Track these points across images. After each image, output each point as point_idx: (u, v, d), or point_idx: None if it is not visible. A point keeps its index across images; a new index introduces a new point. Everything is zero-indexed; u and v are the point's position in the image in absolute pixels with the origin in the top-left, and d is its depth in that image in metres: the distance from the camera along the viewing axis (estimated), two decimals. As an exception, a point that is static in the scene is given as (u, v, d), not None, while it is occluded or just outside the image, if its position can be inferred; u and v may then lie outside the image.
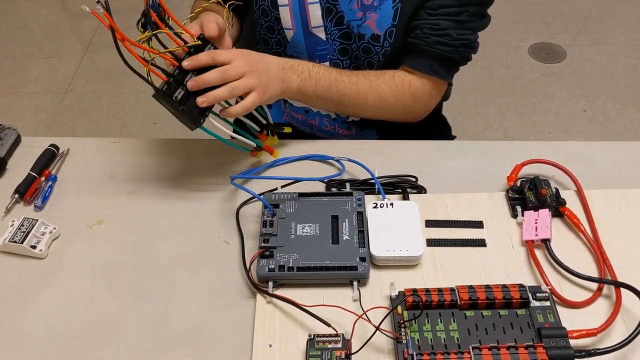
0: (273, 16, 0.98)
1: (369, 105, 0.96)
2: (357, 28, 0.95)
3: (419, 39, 0.94)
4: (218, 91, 0.80)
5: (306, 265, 0.76)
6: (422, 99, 0.99)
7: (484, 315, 0.71)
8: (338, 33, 0.97)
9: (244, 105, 0.82)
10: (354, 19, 0.95)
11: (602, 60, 2.40)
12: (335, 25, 0.96)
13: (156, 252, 0.84)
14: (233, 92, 0.81)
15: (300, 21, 0.97)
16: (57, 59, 2.56)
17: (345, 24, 0.96)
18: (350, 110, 0.98)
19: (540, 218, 0.81)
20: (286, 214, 0.83)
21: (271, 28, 1.00)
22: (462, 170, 0.94)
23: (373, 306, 0.72)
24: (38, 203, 0.89)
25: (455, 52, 0.95)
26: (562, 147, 0.97)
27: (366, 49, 0.97)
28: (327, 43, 0.98)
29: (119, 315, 0.77)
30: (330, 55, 0.99)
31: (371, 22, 0.95)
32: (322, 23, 0.96)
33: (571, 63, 2.40)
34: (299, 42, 0.99)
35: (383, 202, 0.84)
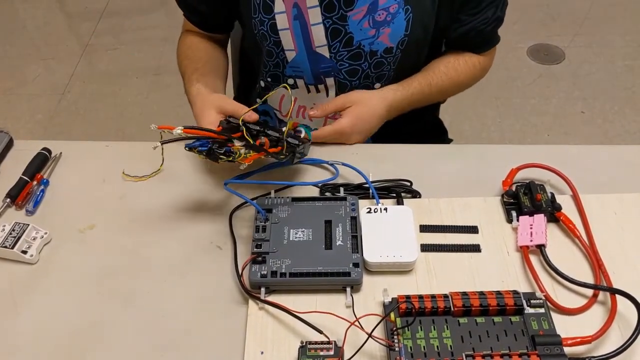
0: (272, 40, 0.97)
1: (448, 95, 1.09)
2: (369, 46, 0.95)
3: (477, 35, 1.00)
4: None
5: (299, 271, 0.76)
6: (488, 66, 1.09)
7: (478, 322, 0.70)
8: (347, 55, 0.96)
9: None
10: (366, 38, 0.94)
11: (600, 62, 2.40)
12: (344, 47, 0.95)
13: (148, 257, 0.83)
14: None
15: (304, 42, 0.96)
16: (54, 61, 2.55)
17: (354, 44, 0.95)
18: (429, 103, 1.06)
19: (536, 223, 0.80)
20: (279, 218, 0.82)
21: (269, 52, 0.99)
22: (457, 174, 0.93)
23: (366, 313, 0.71)
24: (29, 207, 0.88)
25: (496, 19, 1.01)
26: (558, 151, 0.96)
27: (378, 64, 0.98)
28: (331, 61, 0.97)
29: (109, 320, 0.76)
30: (335, 73, 0.98)
31: (384, 37, 0.94)
32: (326, 42, 0.95)
33: (570, 64, 2.40)
34: (301, 61, 0.98)
35: (377, 207, 0.83)
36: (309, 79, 1.00)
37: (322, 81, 1.00)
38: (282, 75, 1.01)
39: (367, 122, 0.93)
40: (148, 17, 2.73)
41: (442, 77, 1.01)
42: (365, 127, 0.93)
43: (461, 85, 1.06)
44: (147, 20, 2.72)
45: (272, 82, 1.03)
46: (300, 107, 1.06)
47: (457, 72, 1.02)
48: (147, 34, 2.62)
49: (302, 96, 1.03)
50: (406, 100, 0.97)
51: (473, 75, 1.06)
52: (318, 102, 1.03)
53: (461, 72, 1.03)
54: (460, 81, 1.04)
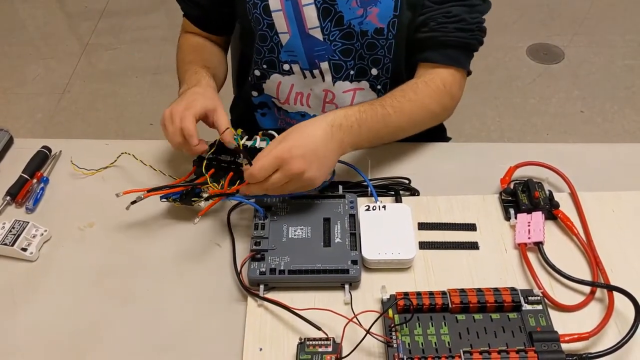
0: (265, 23, 0.97)
1: (418, 124, 0.93)
2: (359, 25, 0.94)
3: (436, 30, 0.93)
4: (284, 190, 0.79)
5: (297, 268, 0.76)
6: (456, 93, 0.97)
7: (476, 319, 0.71)
8: (339, 34, 0.96)
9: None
10: (355, 17, 0.94)
11: (600, 62, 2.40)
12: (335, 26, 0.95)
13: (147, 255, 0.83)
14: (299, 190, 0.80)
15: (297, 24, 0.96)
16: (54, 60, 2.55)
17: (345, 23, 0.95)
18: (402, 136, 0.94)
19: (533, 221, 0.81)
20: (278, 216, 0.82)
21: (263, 36, 0.99)
22: (455, 172, 0.93)
23: (364, 309, 0.72)
24: (29, 205, 0.88)
25: (473, 37, 0.94)
26: (557, 149, 0.96)
27: (370, 45, 0.96)
28: (324, 43, 0.97)
29: (109, 318, 0.76)
30: (329, 56, 0.98)
31: (373, 17, 0.94)
32: (319, 24, 0.95)
33: (569, 64, 2.40)
34: (295, 45, 0.98)
35: (375, 205, 0.83)
36: (304, 63, 1.00)
37: (317, 66, 1.00)
38: (277, 61, 1.01)
39: (310, 142, 0.78)
40: (148, 17, 2.73)
41: (399, 98, 0.89)
42: (308, 150, 0.77)
43: (428, 110, 0.92)
44: (146, 20, 2.72)
45: (268, 68, 1.03)
46: (297, 94, 1.06)
47: (416, 93, 0.91)
48: (147, 34, 2.63)
49: (299, 82, 1.04)
50: (354, 117, 0.83)
51: (439, 99, 0.93)
52: (315, 87, 1.03)
53: (421, 93, 0.91)
54: (425, 104, 0.91)
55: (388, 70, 1.00)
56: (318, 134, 0.79)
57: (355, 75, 1.01)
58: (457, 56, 0.95)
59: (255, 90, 1.08)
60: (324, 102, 1.05)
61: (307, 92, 1.05)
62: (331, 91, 1.03)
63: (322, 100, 1.05)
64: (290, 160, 0.75)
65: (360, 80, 1.02)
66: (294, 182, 0.77)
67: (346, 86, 1.02)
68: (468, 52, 0.97)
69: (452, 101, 0.97)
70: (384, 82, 1.01)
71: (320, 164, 0.79)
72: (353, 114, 0.83)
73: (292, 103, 1.07)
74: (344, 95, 1.03)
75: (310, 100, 1.06)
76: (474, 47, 0.97)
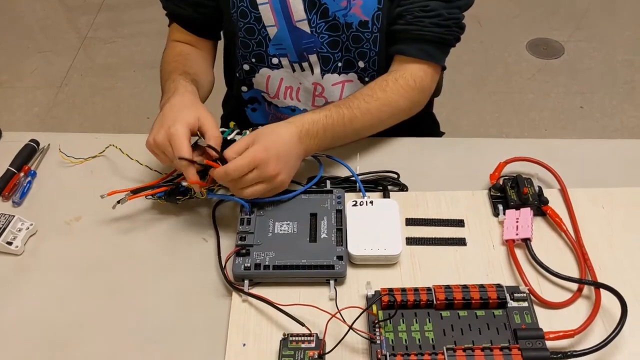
0: (253, 16, 0.96)
1: (385, 122, 0.92)
2: (344, 18, 0.94)
3: (412, 24, 0.92)
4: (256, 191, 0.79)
5: (282, 263, 0.75)
6: (427, 88, 0.96)
7: (460, 316, 0.70)
8: (325, 26, 0.95)
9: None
10: (339, 9, 0.93)
11: (599, 57, 2.38)
12: (320, 18, 0.95)
13: (133, 250, 0.83)
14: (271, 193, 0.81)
15: (283, 16, 0.95)
16: (52, 53, 2.55)
17: (330, 15, 0.94)
18: (368, 134, 0.94)
19: (522, 217, 0.80)
20: (264, 211, 0.82)
21: (251, 29, 0.98)
22: (445, 167, 0.92)
23: (349, 305, 0.71)
24: (16, 199, 0.88)
25: (449, 32, 0.93)
26: (548, 145, 0.96)
27: (356, 38, 0.96)
28: (312, 36, 0.97)
29: (94, 312, 0.76)
30: (317, 48, 0.98)
31: (356, 9, 0.93)
32: (306, 16, 0.95)
33: (569, 59, 2.38)
34: (283, 37, 0.97)
35: (363, 200, 0.82)
36: (293, 56, 0.99)
37: (305, 58, 0.99)
38: (265, 55, 1.00)
39: (281, 145, 0.78)
40: (146, 11, 2.72)
41: (366, 99, 0.88)
42: (280, 152, 0.77)
43: (396, 108, 0.91)
44: (144, 13, 2.71)
45: (257, 62, 1.02)
46: (287, 88, 1.05)
47: (384, 91, 0.89)
48: (145, 28, 2.62)
49: (288, 76, 1.03)
50: (320, 123, 0.83)
51: (407, 95, 0.91)
52: (304, 80, 1.03)
53: (390, 91, 0.90)
54: (393, 102, 0.90)
55: (375, 63, 0.99)
56: (289, 138, 0.80)
57: (343, 68, 1.00)
58: (432, 51, 0.94)
59: (245, 85, 1.08)
60: (313, 96, 1.05)
61: (297, 86, 1.04)
62: (320, 84, 1.03)
63: (312, 94, 1.04)
64: (267, 161, 0.76)
65: (348, 72, 1.01)
66: (266, 183, 0.78)
67: (335, 79, 1.02)
68: (443, 48, 0.96)
69: (422, 95, 0.96)
70: (371, 75, 1.01)
71: (291, 167, 0.81)
72: (320, 120, 0.84)
73: (281, 97, 1.06)
74: (333, 88, 1.03)
75: (300, 94, 1.05)
76: (449, 42, 0.96)
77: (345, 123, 0.86)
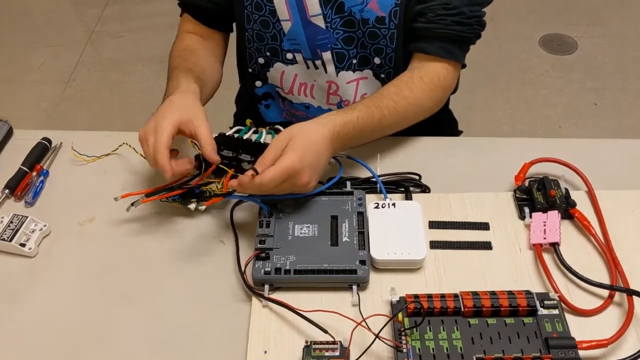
0: (267, 9, 0.94)
1: (410, 120, 0.91)
2: (360, 13, 0.91)
3: (434, 22, 0.89)
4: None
5: (303, 268, 0.73)
6: (449, 86, 0.95)
7: (489, 324, 0.68)
8: (340, 21, 0.93)
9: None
10: (355, 4, 0.91)
11: (613, 53, 2.35)
12: (336, 14, 0.92)
13: (149, 251, 0.81)
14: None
15: (298, 10, 0.93)
16: (60, 48, 2.53)
17: (346, 11, 0.92)
18: (391, 132, 0.92)
19: (549, 220, 0.78)
20: (284, 214, 0.79)
21: (265, 22, 0.96)
22: (467, 168, 0.90)
23: (373, 312, 0.69)
24: (29, 199, 0.86)
25: (471, 30, 0.91)
26: (572, 145, 0.93)
27: (372, 34, 0.93)
28: (327, 32, 0.94)
29: (109, 316, 0.74)
30: (332, 45, 0.96)
31: (373, 4, 0.91)
32: (321, 11, 0.92)
33: (582, 55, 2.35)
34: (297, 33, 0.95)
35: (385, 202, 0.80)
36: (307, 52, 0.97)
37: (319, 56, 0.97)
38: (280, 49, 0.98)
39: (314, 153, 0.76)
40: (154, 4, 2.69)
41: (394, 97, 0.87)
42: (313, 160, 0.76)
43: (421, 107, 0.90)
44: (153, 7, 2.68)
45: (271, 56, 1.00)
46: (301, 85, 1.03)
47: (411, 90, 0.88)
48: (153, 22, 2.59)
49: (302, 72, 1.01)
50: (350, 125, 0.82)
51: (433, 95, 0.91)
52: (318, 78, 1.01)
53: (417, 90, 0.89)
54: (419, 101, 0.89)
55: (391, 60, 0.97)
56: (321, 143, 0.78)
57: (358, 65, 0.98)
58: (453, 49, 0.92)
59: (259, 80, 1.06)
60: (327, 94, 1.02)
61: (311, 83, 1.02)
62: (335, 82, 1.00)
63: (326, 91, 1.02)
64: (302, 171, 0.75)
65: (363, 69, 0.99)
66: (294, 188, 0.77)
67: (349, 76, 0.99)
68: (464, 45, 0.94)
69: (445, 94, 0.96)
70: (387, 71, 0.99)
71: (320, 173, 0.79)
72: (351, 122, 0.82)
73: (295, 93, 1.04)
74: (347, 86, 1.01)
75: (315, 91, 1.03)
76: (470, 40, 0.94)
77: (374, 123, 0.85)
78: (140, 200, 0.80)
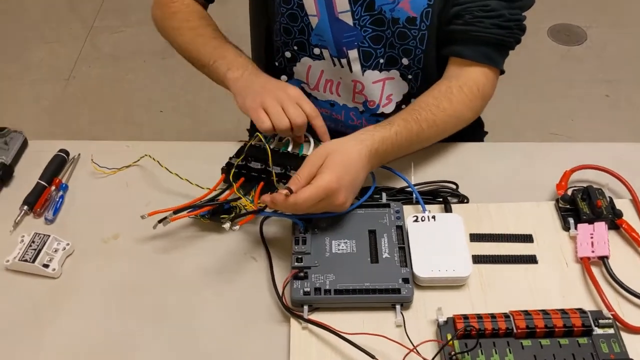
0: (296, 2, 0.90)
1: (448, 132, 0.87)
2: (390, 12, 0.88)
3: (471, 24, 0.86)
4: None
5: (344, 287, 0.70)
6: (488, 95, 0.90)
7: (543, 345, 0.65)
8: (369, 19, 0.90)
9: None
10: (386, 3, 0.87)
11: (624, 43, 2.31)
12: (365, 11, 0.89)
13: (178, 270, 0.77)
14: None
15: (326, 6, 0.89)
16: (58, 44, 2.47)
17: (376, 9, 0.88)
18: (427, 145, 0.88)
19: (597, 232, 0.75)
20: (319, 229, 0.76)
21: (294, 16, 0.92)
22: (503, 175, 0.87)
23: (418, 332, 0.68)
24: (49, 216, 0.82)
25: (510, 34, 0.87)
26: (611, 150, 0.90)
27: (401, 35, 0.90)
28: (354, 29, 0.91)
29: (138, 339, 0.71)
30: (358, 43, 0.92)
31: (405, 4, 0.87)
32: (349, 8, 0.89)
33: (592, 46, 2.31)
34: (324, 29, 0.92)
35: (424, 215, 0.77)
36: (333, 50, 0.94)
37: (344, 54, 0.94)
38: (307, 44, 0.95)
39: (352, 172, 0.73)
40: (154, -2, 2.63)
41: (433, 110, 0.83)
42: (351, 180, 0.73)
43: (461, 119, 0.87)
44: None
45: (299, 50, 0.97)
46: (327, 82, 1.00)
47: (450, 102, 0.85)
48: (154, 16, 2.53)
49: (329, 68, 0.98)
50: (389, 142, 0.79)
51: (472, 106, 0.87)
52: (344, 76, 0.98)
53: (456, 101, 0.85)
54: (458, 113, 0.86)
55: (420, 61, 0.93)
56: (359, 162, 0.75)
57: (385, 64, 0.95)
58: (491, 54, 0.89)
59: (285, 75, 1.02)
60: (353, 92, 0.99)
61: (337, 81, 0.99)
62: (360, 82, 0.97)
63: (352, 90, 0.99)
64: (338, 192, 0.71)
65: (390, 69, 0.95)
66: (329, 207, 0.73)
67: (375, 76, 0.96)
68: (503, 50, 0.91)
69: (484, 103, 0.92)
70: (415, 72, 0.95)
71: (356, 191, 0.77)
72: (390, 138, 0.79)
73: (321, 90, 1.01)
74: (373, 86, 0.97)
75: (340, 89, 1.00)
76: (510, 45, 0.90)
77: (412, 138, 0.81)
78: (169, 219, 0.76)
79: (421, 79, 0.96)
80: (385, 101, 0.98)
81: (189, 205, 0.78)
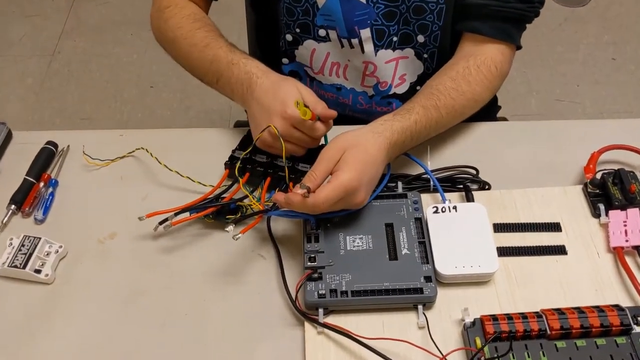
0: None
1: (465, 116, 0.82)
2: None
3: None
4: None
5: (362, 288, 0.65)
6: (506, 72, 0.85)
7: (578, 346, 0.60)
8: None
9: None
10: None
11: (630, 3, 2.23)
12: None
13: (181, 269, 0.72)
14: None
15: None
16: (40, 18, 2.35)
17: None
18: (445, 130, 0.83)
19: (630, 220, 0.70)
20: (331, 224, 0.71)
21: None
22: (525, 157, 0.82)
23: (442, 334, 0.64)
24: (39, 215, 0.76)
25: (531, 8, 0.82)
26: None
27: (417, 9, 0.83)
28: (367, 7, 0.84)
29: (142, 346, 0.66)
30: (371, 21, 0.85)
31: None
32: None
33: (596, 6, 2.23)
34: (333, 8, 0.84)
35: (444, 206, 0.71)
36: (342, 30, 0.87)
37: (356, 34, 0.87)
38: (312, 25, 0.88)
39: (372, 168, 0.69)
40: (139, -35, 2.51)
41: (452, 94, 0.78)
42: (371, 176, 0.69)
43: (479, 101, 0.82)
44: (138, -32, 2.50)
45: (302, 32, 0.90)
46: (333, 64, 0.93)
47: (469, 84, 0.80)
48: (140, -15, 2.42)
49: (335, 51, 0.91)
50: (408, 132, 0.74)
51: (491, 85, 0.82)
52: (353, 58, 0.91)
53: (475, 83, 0.80)
54: (477, 95, 0.81)
55: (436, 39, 0.87)
56: (378, 156, 0.69)
57: (398, 43, 0.88)
58: (509, 30, 0.83)
59: (287, 57, 0.95)
60: (363, 75, 0.92)
61: (345, 63, 0.92)
62: (372, 62, 0.90)
63: (362, 72, 0.92)
64: (357, 190, 0.66)
65: (404, 47, 0.89)
66: (347, 206, 0.68)
67: (389, 55, 0.89)
68: (521, 25, 0.85)
69: (501, 81, 0.87)
70: (431, 51, 0.89)
71: (373, 186, 0.71)
72: (409, 127, 0.74)
73: (326, 74, 0.94)
74: (386, 66, 0.90)
75: (348, 72, 0.93)
76: (529, 19, 0.85)
77: (431, 126, 0.76)
78: (170, 223, 0.70)
79: (437, 59, 0.89)
80: (398, 81, 0.91)
81: (191, 205, 0.72)
